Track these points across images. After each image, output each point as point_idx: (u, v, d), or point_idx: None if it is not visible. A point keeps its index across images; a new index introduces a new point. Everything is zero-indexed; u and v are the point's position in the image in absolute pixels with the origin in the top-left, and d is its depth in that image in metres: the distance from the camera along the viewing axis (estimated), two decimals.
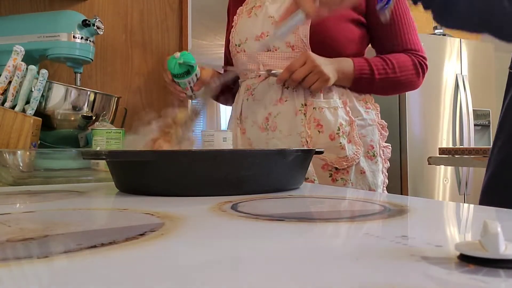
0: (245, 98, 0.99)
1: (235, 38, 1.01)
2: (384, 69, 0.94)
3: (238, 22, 1.02)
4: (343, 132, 0.92)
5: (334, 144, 0.91)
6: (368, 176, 0.94)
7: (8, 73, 1.00)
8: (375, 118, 0.99)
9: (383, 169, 0.99)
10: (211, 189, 0.50)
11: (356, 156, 0.92)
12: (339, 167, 0.91)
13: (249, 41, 0.98)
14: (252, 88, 0.98)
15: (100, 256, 0.23)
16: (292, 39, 0.91)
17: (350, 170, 0.92)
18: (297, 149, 0.63)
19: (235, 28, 1.02)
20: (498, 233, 0.21)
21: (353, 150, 0.92)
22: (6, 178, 0.76)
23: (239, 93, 1.03)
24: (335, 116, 0.92)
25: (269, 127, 0.94)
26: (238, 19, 1.02)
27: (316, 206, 0.45)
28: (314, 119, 0.92)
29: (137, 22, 1.71)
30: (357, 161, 0.92)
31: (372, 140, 0.96)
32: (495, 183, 0.68)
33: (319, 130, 0.92)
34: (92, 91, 1.18)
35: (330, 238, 0.29)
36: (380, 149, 0.98)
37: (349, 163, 0.91)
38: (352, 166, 0.92)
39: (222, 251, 0.26)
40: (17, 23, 1.23)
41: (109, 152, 0.53)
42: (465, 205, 0.44)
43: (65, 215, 0.38)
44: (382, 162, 0.99)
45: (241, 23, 1.00)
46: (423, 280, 0.20)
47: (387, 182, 1.00)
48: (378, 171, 0.96)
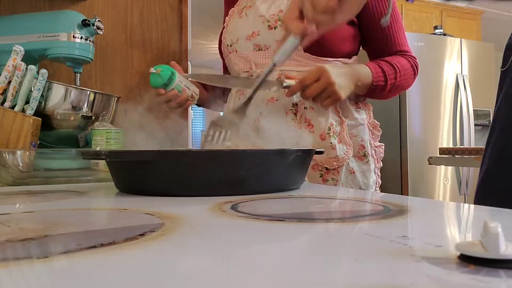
0: (237, 98, 0.99)
1: (227, 39, 1.01)
2: (395, 76, 0.94)
3: (229, 22, 1.02)
4: (334, 132, 0.92)
5: (324, 144, 0.91)
6: (357, 176, 0.94)
7: (7, 73, 1.00)
8: (366, 117, 0.99)
9: (375, 169, 0.99)
10: (211, 189, 0.50)
11: (346, 156, 0.92)
12: (329, 167, 0.91)
13: (240, 41, 0.97)
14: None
15: (100, 256, 0.23)
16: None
17: (341, 170, 0.92)
18: (297, 149, 0.63)
19: (227, 28, 1.02)
20: (498, 233, 0.21)
21: (344, 150, 0.92)
22: (5, 178, 0.76)
23: (231, 93, 1.03)
24: (326, 116, 0.92)
25: (260, 126, 0.94)
26: (229, 19, 1.03)
27: (316, 206, 0.45)
28: (305, 119, 0.92)
29: (137, 22, 1.71)
30: (348, 161, 0.93)
31: (363, 140, 0.96)
32: (489, 178, 0.68)
33: (310, 130, 0.92)
34: (92, 91, 1.18)
35: (330, 238, 0.29)
36: (372, 149, 0.98)
37: (340, 163, 0.91)
38: (342, 166, 0.92)
39: (222, 251, 0.26)
40: (16, 23, 1.23)
41: (109, 152, 0.53)
42: (466, 205, 0.44)
43: (65, 215, 0.38)
44: (375, 162, 0.98)
45: (232, 24, 1.01)
46: (423, 280, 0.20)
47: (380, 182, 1.00)
48: (370, 171, 0.96)
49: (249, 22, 0.96)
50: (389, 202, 0.44)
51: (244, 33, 0.96)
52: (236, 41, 0.98)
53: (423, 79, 3.04)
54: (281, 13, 0.92)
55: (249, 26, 0.96)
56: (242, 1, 1.03)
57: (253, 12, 0.96)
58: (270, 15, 0.93)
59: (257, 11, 0.95)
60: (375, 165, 0.99)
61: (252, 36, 0.95)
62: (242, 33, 0.97)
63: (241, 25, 0.98)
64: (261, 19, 0.94)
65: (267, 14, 0.93)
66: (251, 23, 0.96)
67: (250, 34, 0.95)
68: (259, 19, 0.94)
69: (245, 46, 0.97)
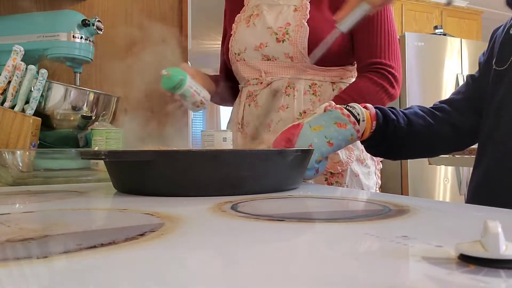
0: (247, 104, 1.00)
1: (235, 47, 1.01)
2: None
3: (237, 30, 1.02)
4: None
5: None
6: (361, 179, 0.96)
7: (7, 73, 1.00)
8: None
9: (375, 170, 1.00)
10: (211, 189, 0.50)
11: (349, 160, 0.94)
12: (333, 172, 0.93)
13: (248, 51, 0.98)
14: (254, 94, 0.99)
15: (100, 256, 0.23)
16: (291, 51, 0.92)
17: (345, 174, 0.94)
18: (296, 149, 0.63)
19: (234, 36, 1.02)
20: (498, 233, 0.21)
21: (346, 154, 0.93)
22: (5, 178, 0.76)
23: (240, 98, 1.04)
24: None
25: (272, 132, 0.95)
26: (236, 27, 1.03)
27: (316, 206, 0.45)
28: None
29: (137, 22, 1.71)
30: (351, 164, 0.94)
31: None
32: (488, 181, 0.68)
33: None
34: (91, 91, 1.18)
35: (330, 238, 0.29)
36: None
37: (343, 167, 0.93)
38: (346, 169, 0.94)
39: (222, 251, 0.26)
40: (16, 22, 1.23)
41: (108, 152, 0.53)
42: (466, 205, 0.44)
43: (64, 215, 0.38)
44: (374, 164, 1.00)
45: (240, 32, 1.01)
46: (423, 280, 0.20)
47: (379, 183, 1.02)
48: (370, 173, 0.98)
49: (257, 33, 0.97)
50: (389, 202, 0.44)
51: (252, 43, 0.97)
52: (244, 50, 0.99)
53: (423, 79, 3.04)
54: (288, 26, 0.93)
55: (257, 37, 0.96)
56: (247, 7, 1.03)
57: (261, 23, 0.97)
58: (278, 27, 0.94)
59: (265, 22, 0.96)
60: (375, 167, 1.00)
61: (260, 47, 0.96)
62: (250, 43, 0.98)
63: (248, 35, 0.98)
64: (269, 31, 0.95)
65: (274, 26, 0.94)
66: (259, 34, 0.96)
67: (258, 45, 0.96)
68: (267, 31, 0.95)
69: (253, 55, 0.98)
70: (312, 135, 0.68)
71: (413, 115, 0.78)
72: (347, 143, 0.72)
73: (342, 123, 0.69)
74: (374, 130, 0.73)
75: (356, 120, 0.70)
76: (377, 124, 0.73)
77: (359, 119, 0.70)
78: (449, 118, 0.79)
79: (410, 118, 0.77)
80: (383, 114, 0.74)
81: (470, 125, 0.78)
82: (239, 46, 1.00)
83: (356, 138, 0.72)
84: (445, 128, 0.78)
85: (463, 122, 0.78)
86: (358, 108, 0.72)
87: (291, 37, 0.92)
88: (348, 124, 0.69)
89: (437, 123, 0.78)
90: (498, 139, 0.67)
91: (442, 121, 0.78)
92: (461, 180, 3.12)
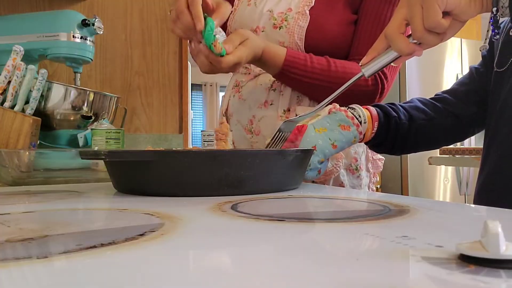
0: (232, 95, 0.97)
1: (232, 26, 0.97)
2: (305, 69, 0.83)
3: (238, 8, 0.97)
4: None
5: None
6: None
7: (7, 73, 1.00)
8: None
9: (370, 184, 0.92)
10: (211, 189, 0.50)
11: (335, 169, 0.86)
12: (315, 180, 0.84)
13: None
14: (240, 85, 0.95)
15: (100, 256, 0.23)
16: (286, 40, 0.87)
17: (328, 183, 0.87)
18: (296, 149, 0.63)
19: (234, 14, 0.97)
20: (498, 233, 0.21)
21: (333, 163, 0.86)
22: (5, 178, 0.76)
23: (227, 87, 1.01)
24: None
25: (254, 130, 0.92)
26: (238, 4, 0.98)
27: (316, 206, 0.45)
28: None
29: (137, 22, 1.71)
30: (336, 174, 0.87)
31: (356, 152, 0.90)
32: (492, 182, 0.68)
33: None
34: (91, 91, 1.18)
35: (330, 238, 0.29)
36: (369, 163, 0.92)
37: (327, 177, 0.86)
38: (330, 179, 0.87)
39: (222, 252, 0.26)
40: (16, 22, 1.23)
41: (108, 152, 0.53)
42: (465, 205, 0.44)
43: (64, 215, 0.38)
44: (370, 176, 0.92)
45: (240, 10, 0.96)
46: (424, 280, 0.20)
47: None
48: (362, 186, 0.90)
49: (256, 14, 0.92)
50: (389, 202, 0.44)
51: (249, 25, 0.92)
52: None
53: (424, 79, 3.04)
54: (289, 11, 0.87)
55: (255, 19, 0.91)
56: None
57: (262, 4, 0.92)
58: (278, 12, 0.88)
59: (266, 4, 0.91)
60: (369, 179, 0.92)
61: (256, 31, 0.91)
62: (246, 25, 0.93)
63: (247, 16, 0.93)
64: (268, 14, 0.90)
65: (275, 11, 0.89)
66: (257, 16, 0.91)
67: (254, 28, 0.91)
68: (266, 14, 0.90)
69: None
70: (316, 137, 0.67)
71: (414, 109, 0.78)
72: (349, 145, 0.72)
73: (346, 125, 0.69)
74: (377, 130, 0.73)
75: (359, 122, 0.70)
76: (379, 124, 0.73)
77: (360, 121, 0.70)
78: (451, 108, 0.78)
79: (411, 113, 0.77)
80: (384, 112, 0.74)
81: (472, 115, 0.78)
82: (235, 26, 0.95)
83: (358, 140, 0.72)
84: (447, 119, 0.78)
85: (466, 113, 0.78)
86: (359, 109, 0.71)
87: (289, 24, 0.86)
88: (352, 126, 0.69)
89: (439, 115, 0.78)
90: (501, 140, 0.67)
91: (444, 113, 0.78)
92: (461, 180, 3.12)
